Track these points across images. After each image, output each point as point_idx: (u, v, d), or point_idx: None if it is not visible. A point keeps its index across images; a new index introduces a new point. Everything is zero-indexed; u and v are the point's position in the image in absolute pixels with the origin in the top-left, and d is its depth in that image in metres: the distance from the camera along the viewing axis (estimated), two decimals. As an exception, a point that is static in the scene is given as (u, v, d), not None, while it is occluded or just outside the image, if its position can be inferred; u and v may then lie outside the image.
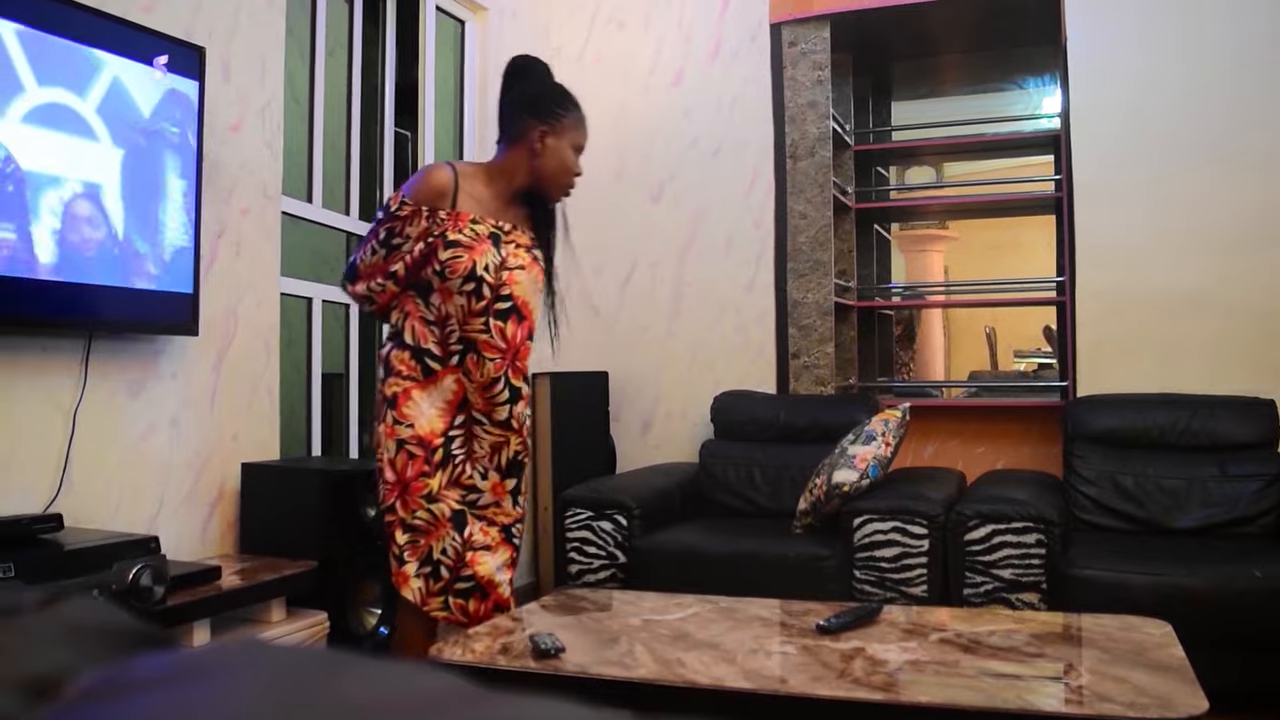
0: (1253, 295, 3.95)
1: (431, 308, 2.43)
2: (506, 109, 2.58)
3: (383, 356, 2.50)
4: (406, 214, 2.41)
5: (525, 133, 2.51)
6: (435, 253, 2.40)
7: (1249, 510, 3.54)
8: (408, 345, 2.44)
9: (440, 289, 2.41)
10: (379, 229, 2.44)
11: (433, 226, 2.41)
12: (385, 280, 2.45)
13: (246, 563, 2.96)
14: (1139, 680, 1.81)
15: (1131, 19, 4.16)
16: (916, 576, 3.37)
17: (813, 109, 4.51)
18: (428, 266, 2.41)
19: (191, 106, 2.85)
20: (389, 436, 2.42)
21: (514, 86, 2.61)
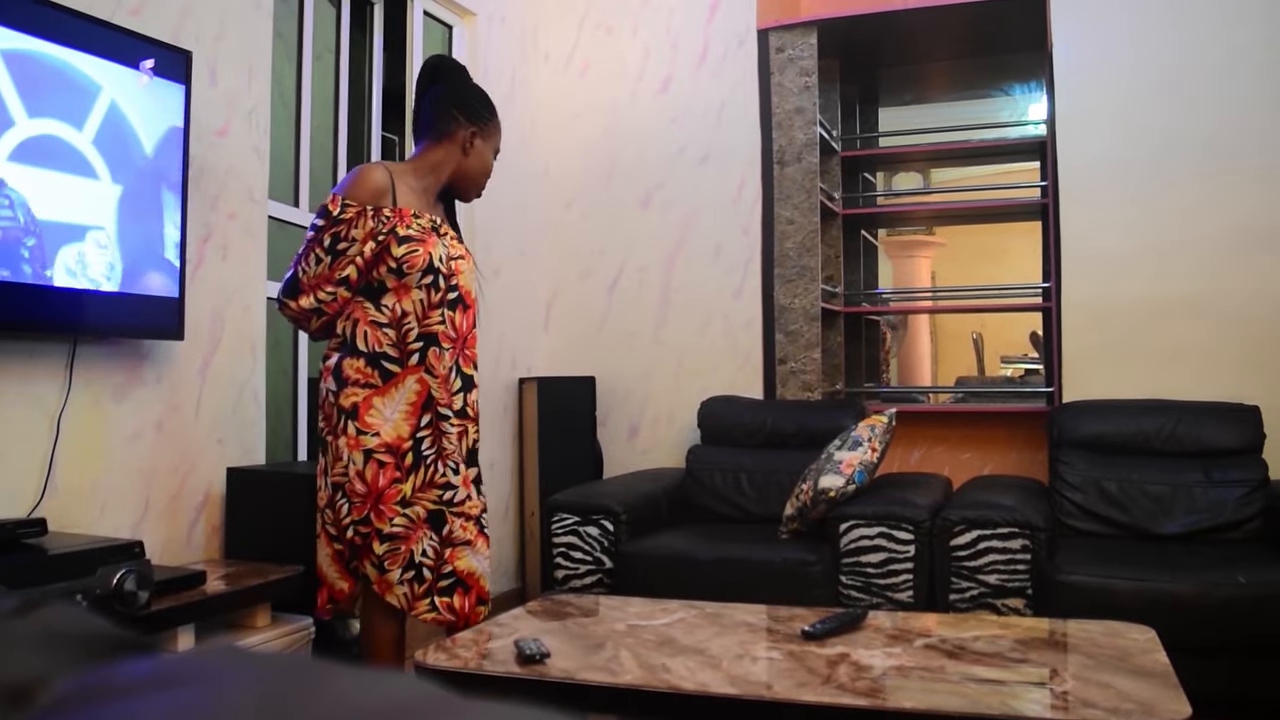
0: (1238, 302, 3.97)
1: (384, 309, 2.42)
2: (434, 107, 2.60)
3: (330, 368, 2.45)
4: (350, 216, 2.39)
5: (455, 132, 2.57)
6: (388, 250, 2.40)
7: (1234, 516, 3.55)
8: (361, 352, 2.42)
9: (396, 286, 2.42)
10: (321, 236, 2.40)
11: (379, 225, 2.40)
12: (336, 288, 2.41)
13: (232, 568, 2.95)
14: (1122, 686, 1.82)
15: (1117, 26, 4.18)
16: (902, 582, 3.37)
17: (800, 115, 4.52)
18: (380, 265, 2.41)
19: (179, 110, 2.84)
20: (353, 449, 2.39)
21: (439, 85, 2.64)
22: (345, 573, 2.48)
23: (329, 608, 2.56)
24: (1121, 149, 4.14)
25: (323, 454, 2.48)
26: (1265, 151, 3.97)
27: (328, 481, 2.45)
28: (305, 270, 2.41)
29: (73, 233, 2.53)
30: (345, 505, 2.42)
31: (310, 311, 2.44)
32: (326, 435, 2.46)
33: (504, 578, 4.59)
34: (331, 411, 2.43)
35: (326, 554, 2.50)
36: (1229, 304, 3.98)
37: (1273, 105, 3.97)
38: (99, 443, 2.76)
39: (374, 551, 2.41)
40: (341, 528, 2.44)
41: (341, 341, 2.44)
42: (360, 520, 2.41)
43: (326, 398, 2.45)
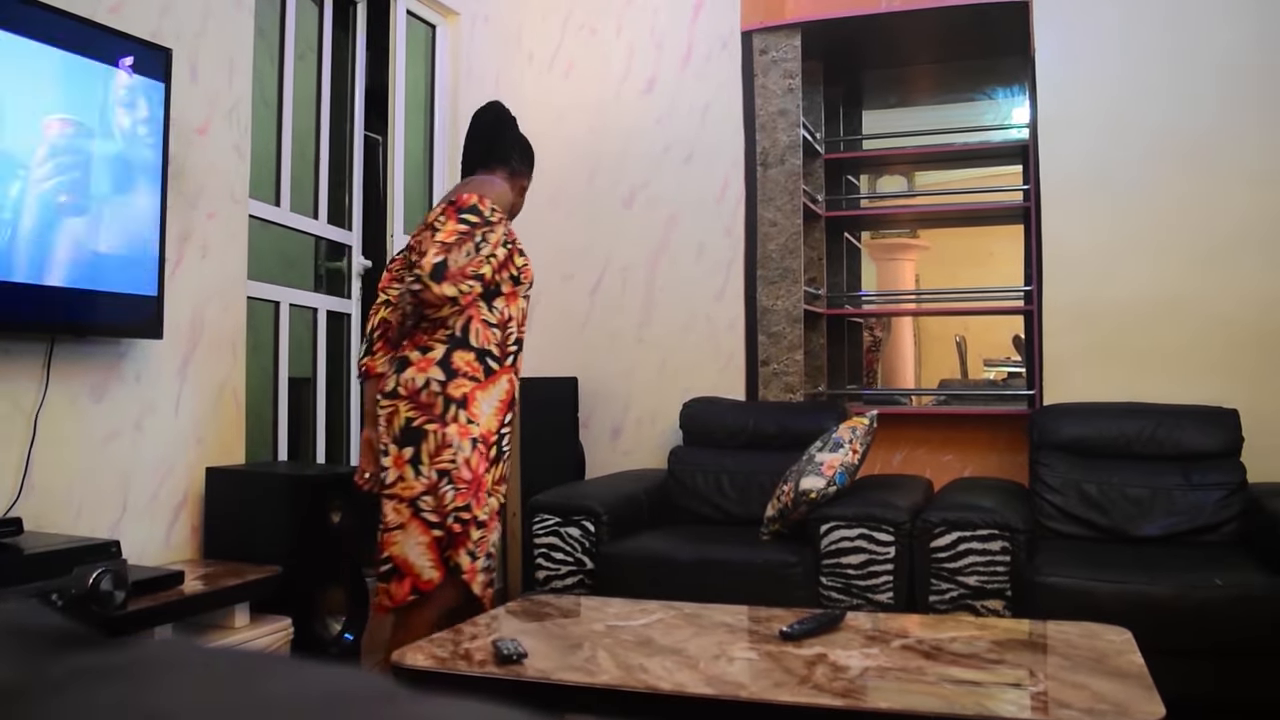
0: (1218, 305, 3.99)
1: (494, 311, 2.63)
2: (507, 146, 2.93)
3: (434, 359, 2.57)
4: (497, 220, 2.61)
5: (517, 173, 2.92)
6: (511, 259, 2.64)
7: (1212, 519, 3.57)
8: (473, 347, 2.59)
9: (509, 293, 2.66)
10: (474, 232, 2.55)
11: (506, 234, 2.64)
12: (474, 282, 2.56)
13: (210, 568, 2.93)
14: (1098, 687, 1.83)
15: (1100, 31, 4.20)
16: (883, 583, 3.38)
17: (783, 117, 4.53)
18: (503, 270, 2.62)
19: (158, 108, 2.83)
20: (463, 436, 2.55)
21: (506, 130, 2.97)
22: (439, 562, 2.58)
23: (411, 598, 2.61)
24: (1103, 153, 4.16)
25: (417, 442, 2.56)
26: (1245, 156, 3.99)
27: (428, 469, 2.55)
28: (456, 260, 2.51)
29: (50, 230, 2.51)
30: (450, 491, 2.55)
31: (447, 299, 2.53)
32: (428, 424, 2.56)
33: (486, 579, 4.58)
34: (435, 400, 2.55)
35: (421, 542, 2.58)
36: (1208, 307, 4.00)
37: (1253, 109, 4.00)
38: (76, 442, 2.74)
39: (470, 538, 2.57)
40: (444, 514, 2.56)
41: (450, 335, 2.58)
42: (462, 507, 2.56)
43: (428, 387, 2.56)
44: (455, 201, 2.63)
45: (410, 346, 2.63)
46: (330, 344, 3.88)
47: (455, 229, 2.55)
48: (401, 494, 2.59)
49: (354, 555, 3.24)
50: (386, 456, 2.63)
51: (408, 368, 2.61)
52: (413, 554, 2.58)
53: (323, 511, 3.06)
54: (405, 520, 2.59)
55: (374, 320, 2.90)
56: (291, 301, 3.68)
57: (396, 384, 2.61)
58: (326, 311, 3.86)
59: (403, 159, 4.23)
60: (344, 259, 4.00)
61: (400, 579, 2.61)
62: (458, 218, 2.57)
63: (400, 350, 2.67)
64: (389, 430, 2.62)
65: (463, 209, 2.59)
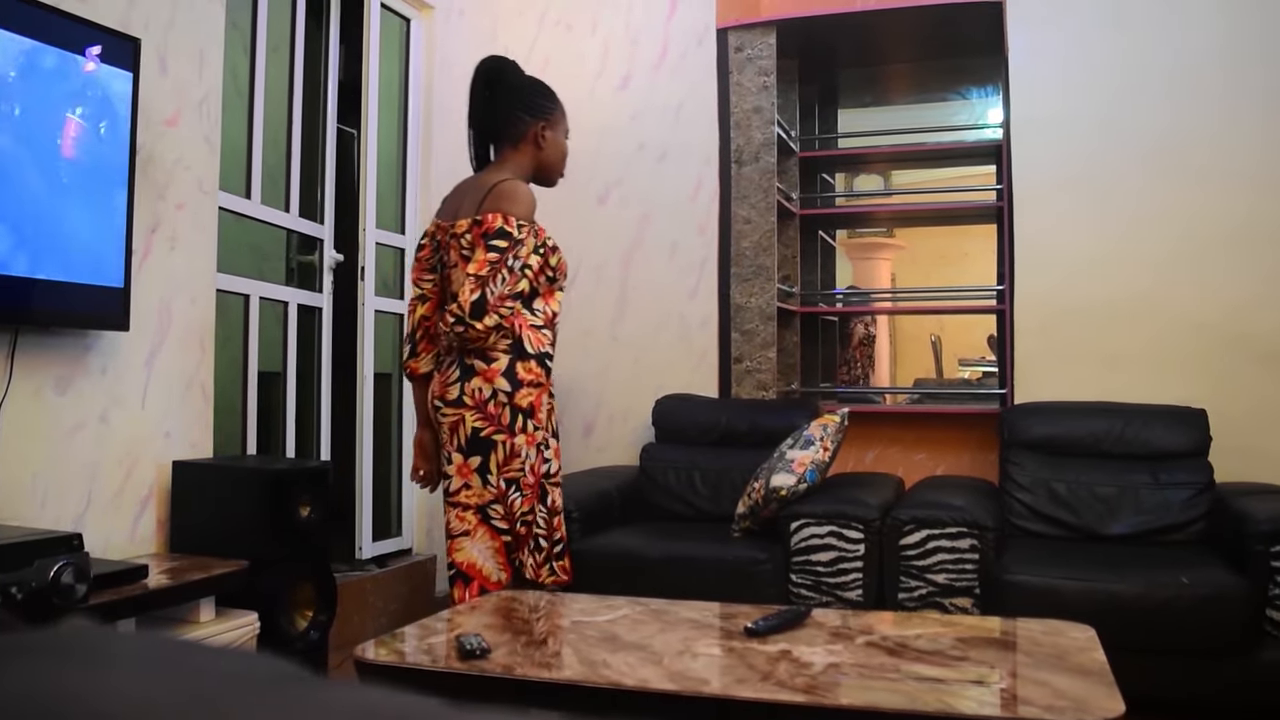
0: (1188, 306, 4.02)
1: (538, 313, 2.67)
2: (500, 113, 2.80)
3: (498, 370, 2.61)
4: (525, 234, 2.59)
5: (526, 131, 2.79)
6: (546, 260, 2.66)
7: (1179, 518, 3.59)
8: (530, 354, 2.65)
9: (548, 292, 2.70)
10: (505, 256, 2.54)
11: (536, 240, 2.64)
12: (514, 302, 2.58)
13: (176, 562, 2.92)
14: (1059, 684, 1.83)
15: (1073, 32, 4.22)
16: (852, 581, 3.39)
17: (758, 115, 4.53)
18: (540, 275, 2.65)
19: (125, 98, 2.80)
20: (530, 444, 2.64)
21: (495, 91, 2.81)
22: (507, 564, 2.70)
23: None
24: (1074, 154, 4.19)
25: (485, 452, 2.63)
26: (1215, 157, 4.02)
27: (496, 478, 2.63)
28: (493, 291, 2.53)
29: (12, 220, 2.49)
30: (518, 499, 2.65)
31: (491, 329, 2.55)
32: (496, 435, 2.62)
33: (457, 575, 4.57)
34: (503, 411, 2.61)
35: (490, 547, 2.68)
36: (1177, 307, 4.03)
37: (1224, 111, 4.03)
38: (40, 434, 2.72)
39: (533, 537, 2.70)
40: (513, 520, 2.66)
41: (511, 344, 2.61)
42: (528, 511, 2.67)
43: (495, 398, 2.61)
44: (482, 223, 2.62)
45: (473, 356, 2.64)
46: (301, 338, 3.86)
47: (486, 259, 2.55)
48: (467, 501, 2.66)
49: (322, 550, 3.23)
50: (450, 464, 2.68)
51: (474, 377, 2.63)
52: (481, 558, 2.69)
53: (291, 506, 3.04)
54: (471, 527, 2.68)
55: (413, 319, 2.89)
56: (262, 295, 3.65)
57: (462, 393, 2.64)
58: (298, 305, 3.84)
59: (375, 153, 4.21)
60: (316, 253, 3.97)
61: (467, 583, 2.70)
62: (486, 245, 2.57)
63: (465, 357, 2.66)
64: (453, 439, 2.66)
65: (490, 235, 2.58)
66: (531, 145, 2.81)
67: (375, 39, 4.21)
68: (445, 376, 2.71)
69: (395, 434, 4.33)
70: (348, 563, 4.01)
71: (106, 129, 2.75)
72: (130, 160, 2.82)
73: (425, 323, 2.85)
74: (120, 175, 2.79)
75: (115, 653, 0.39)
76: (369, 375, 4.14)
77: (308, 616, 3.14)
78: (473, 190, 2.75)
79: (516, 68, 2.88)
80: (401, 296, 4.34)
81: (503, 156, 2.81)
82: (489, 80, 2.84)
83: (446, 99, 4.58)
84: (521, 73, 2.89)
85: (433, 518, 4.39)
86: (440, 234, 2.81)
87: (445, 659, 2.00)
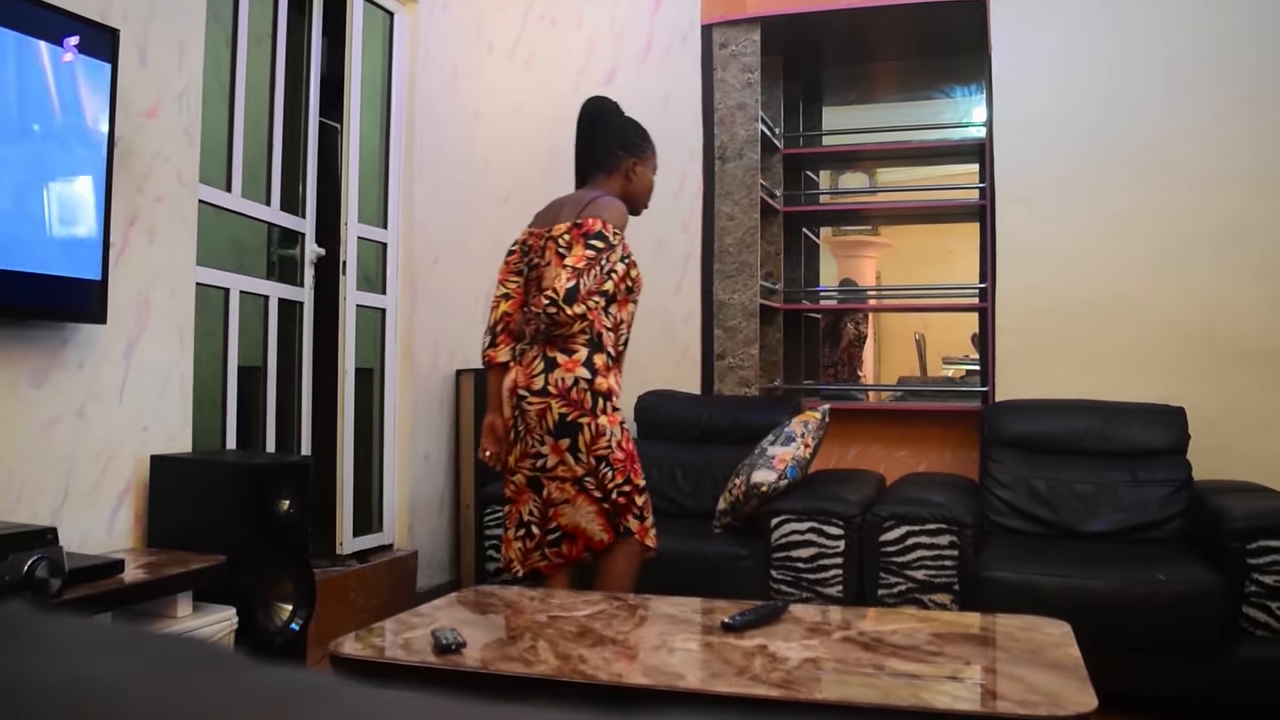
0: (1168, 305, 4.04)
1: (611, 316, 2.94)
2: (598, 144, 3.15)
3: (580, 360, 2.88)
4: (617, 242, 2.89)
5: (619, 164, 3.14)
6: (628, 271, 2.94)
7: (1157, 515, 3.61)
8: (603, 349, 2.91)
9: (622, 300, 2.96)
10: (599, 256, 2.84)
11: (623, 251, 2.92)
12: (599, 298, 2.86)
13: (153, 556, 2.90)
14: (1033, 679, 1.84)
15: (1055, 31, 4.24)
16: (832, 577, 3.39)
17: (742, 111, 4.53)
18: (622, 282, 2.92)
19: (104, 89, 2.79)
20: (613, 423, 2.91)
21: (597, 126, 3.19)
22: (609, 526, 2.94)
23: (585, 556, 2.99)
24: (1056, 153, 4.20)
25: (573, 434, 2.88)
26: (1195, 157, 4.04)
27: (586, 456, 2.88)
28: (585, 284, 2.81)
29: (-11, 212, 2.47)
30: (609, 472, 2.89)
31: (578, 317, 2.83)
32: (580, 418, 2.88)
33: (438, 570, 4.56)
34: (585, 396, 2.88)
35: (590, 511, 2.93)
36: (1157, 307, 4.04)
37: (1204, 111, 4.04)
38: (16, 428, 2.70)
39: (636, 504, 2.96)
40: (606, 490, 2.90)
41: (589, 338, 2.89)
42: (623, 482, 2.92)
43: (577, 385, 2.88)
44: (582, 226, 2.92)
45: (555, 349, 2.91)
46: (282, 332, 3.84)
47: (584, 255, 2.85)
48: (564, 475, 2.91)
49: (302, 545, 3.22)
50: (543, 445, 2.92)
51: (556, 368, 2.90)
52: (584, 520, 2.93)
53: (271, 501, 3.03)
54: (571, 496, 2.92)
55: (496, 314, 3.14)
56: (242, 289, 3.64)
57: (546, 383, 2.90)
58: (279, 299, 3.82)
59: (358, 147, 4.20)
60: (297, 246, 3.96)
61: (572, 541, 2.96)
62: (585, 244, 2.88)
63: (547, 351, 2.93)
64: (541, 424, 2.91)
65: (589, 235, 2.89)
66: (622, 177, 3.15)
67: (358, 32, 4.19)
68: (530, 369, 2.95)
69: (376, 429, 4.31)
70: (328, 558, 4.00)
71: (84, 120, 2.73)
72: (108, 152, 2.80)
73: (507, 318, 3.11)
74: (99, 167, 2.78)
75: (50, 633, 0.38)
76: (350, 370, 4.12)
77: (287, 612, 3.13)
78: (571, 202, 3.07)
79: (617, 108, 3.26)
80: (383, 291, 4.33)
81: (596, 181, 3.13)
82: (593, 117, 3.21)
83: (430, 93, 4.56)
84: (621, 113, 3.26)
85: (415, 513, 4.38)
86: (533, 240, 3.11)
87: (422, 653, 2.00)
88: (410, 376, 4.39)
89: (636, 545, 2.98)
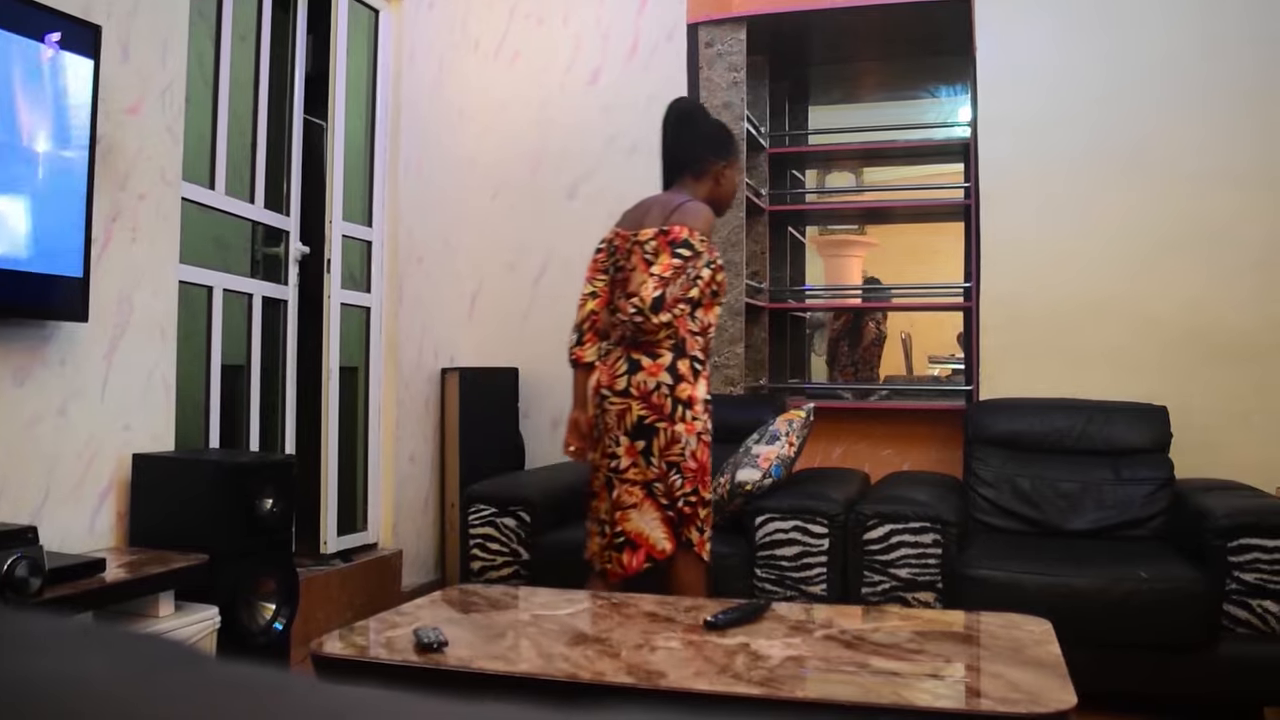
0: (1150, 305, 4.05)
1: (697, 321, 2.96)
2: (686, 148, 3.17)
3: (663, 365, 2.90)
4: (704, 248, 2.91)
5: (708, 169, 3.15)
6: (714, 276, 2.95)
7: (1140, 513, 3.63)
8: (688, 355, 2.94)
9: (709, 304, 2.98)
10: (685, 265, 2.87)
11: (710, 256, 2.94)
12: (684, 305, 2.89)
13: (135, 555, 2.88)
14: (1013, 676, 1.84)
15: (1040, 32, 4.25)
16: (816, 575, 3.40)
17: (728, 110, 4.53)
18: (707, 288, 2.94)
19: (86, 86, 2.77)
20: (689, 432, 2.91)
21: (685, 129, 3.19)
22: (672, 535, 2.93)
23: (646, 565, 2.95)
24: (1040, 153, 4.21)
25: (648, 437, 2.91)
26: (1179, 158, 4.06)
27: (658, 461, 2.90)
28: (671, 292, 2.84)
29: (-31, 209, 2.46)
30: (679, 480, 2.90)
31: (664, 325, 2.86)
32: (659, 423, 2.90)
33: (423, 570, 4.55)
34: (665, 402, 2.90)
35: (655, 518, 2.93)
36: (1141, 306, 4.06)
37: (1188, 113, 4.06)
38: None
39: (699, 517, 2.94)
40: (674, 498, 2.90)
41: (674, 344, 2.92)
42: (690, 492, 2.91)
43: (658, 390, 2.90)
44: (668, 233, 2.95)
45: (639, 351, 2.94)
46: (266, 331, 3.83)
47: (670, 263, 2.87)
48: (634, 479, 2.93)
49: (285, 544, 3.21)
50: (618, 446, 2.95)
51: (639, 371, 2.93)
52: (648, 528, 2.93)
53: (254, 500, 3.02)
54: (639, 500, 2.93)
55: (583, 312, 3.17)
56: (226, 287, 3.62)
57: (629, 385, 2.93)
58: (263, 298, 3.81)
59: (343, 145, 4.18)
60: (281, 244, 3.95)
61: (634, 550, 2.94)
62: (672, 252, 2.90)
63: (631, 353, 2.96)
64: (620, 424, 2.95)
65: (676, 243, 2.91)
66: (711, 180, 3.16)
67: (343, 29, 4.18)
68: (613, 369, 2.99)
69: (361, 428, 4.30)
70: (313, 558, 3.99)
71: (66, 117, 2.71)
72: (90, 149, 2.79)
73: (593, 317, 3.15)
74: (80, 164, 2.76)
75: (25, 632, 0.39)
76: (334, 369, 4.11)
77: (270, 611, 3.12)
78: (658, 205, 3.09)
79: (704, 110, 3.37)
80: (368, 290, 4.32)
81: (684, 183, 3.15)
82: (680, 119, 3.22)
83: (415, 91, 4.56)
84: (708, 115, 3.33)
85: (400, 512, 4.38)
86: (620, 241, 3.13)
87: (403, 652, 1.99)
88: (395, 375, 4.38)
89: (695, 557, 2.97)
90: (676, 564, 2.96)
